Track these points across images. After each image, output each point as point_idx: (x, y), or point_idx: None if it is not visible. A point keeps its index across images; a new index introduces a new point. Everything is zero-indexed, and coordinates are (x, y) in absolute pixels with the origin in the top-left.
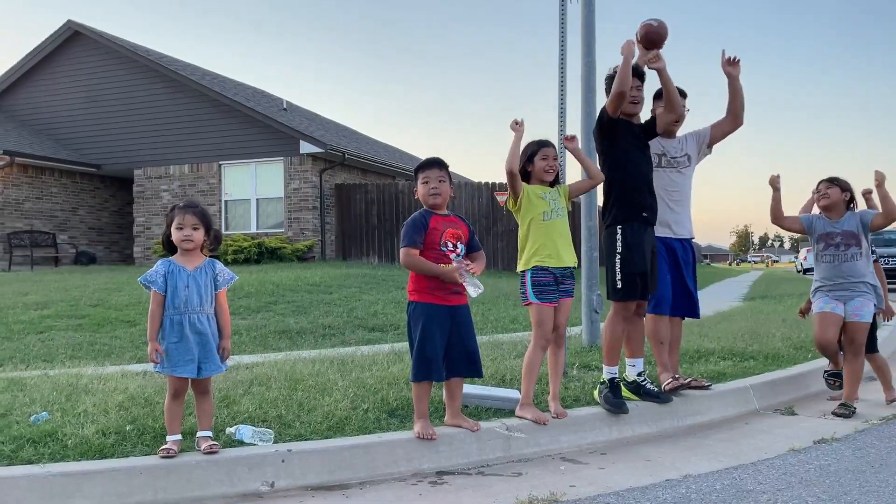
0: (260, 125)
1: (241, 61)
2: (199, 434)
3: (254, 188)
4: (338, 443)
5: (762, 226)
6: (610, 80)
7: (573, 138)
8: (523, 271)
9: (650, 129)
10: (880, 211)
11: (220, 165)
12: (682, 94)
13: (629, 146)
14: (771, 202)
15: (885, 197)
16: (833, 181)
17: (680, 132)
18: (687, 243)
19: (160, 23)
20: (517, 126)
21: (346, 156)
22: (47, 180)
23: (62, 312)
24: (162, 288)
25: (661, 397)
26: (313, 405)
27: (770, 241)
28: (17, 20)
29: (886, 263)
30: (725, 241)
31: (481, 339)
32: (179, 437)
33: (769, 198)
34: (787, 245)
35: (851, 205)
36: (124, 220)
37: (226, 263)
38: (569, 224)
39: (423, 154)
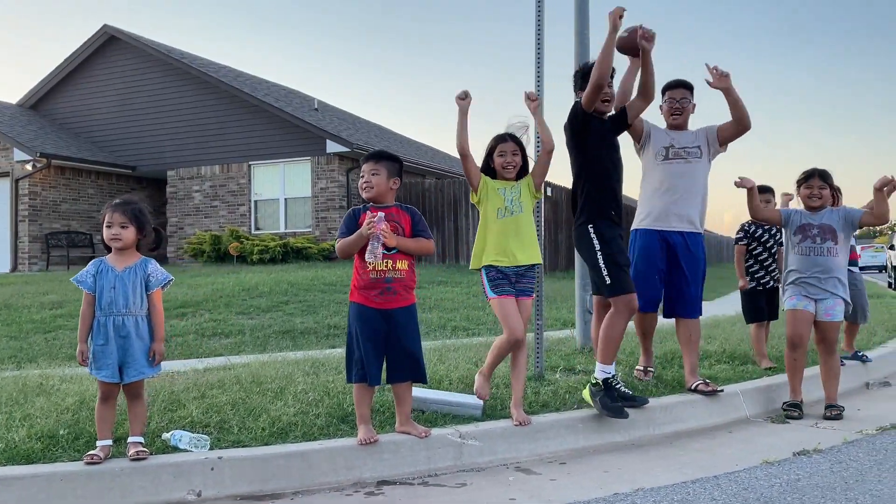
0: (287, 125)
1: (279, 62)
2: (129, 439)
3: (282, 188)
4: (274, 450)
5: None
6: (578, 75)
7: (535, 98)
8: (478, 269)
9: (621, 121)
10: (871, 209)
11: (249, 165)
12: (689, 87)
13: (601, 144)
14: (748, 202)
15: (881, 200)
16: (825, 179)
17: (691, 126)
18: (692, 238)
19: (199, 25)
20: (461, 100)
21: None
22: (84, 182)
23: (74, 312)
24: (91, 288)
25: (636, 400)
26: (262, 410)
27: None
28: (55, 26)
29: None
30: None
31: (466, 341)
32: (109, 442)
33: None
34: None
35: (833, 201)
36: (160, 221)
37: (252, 264)
38: (533, 216)
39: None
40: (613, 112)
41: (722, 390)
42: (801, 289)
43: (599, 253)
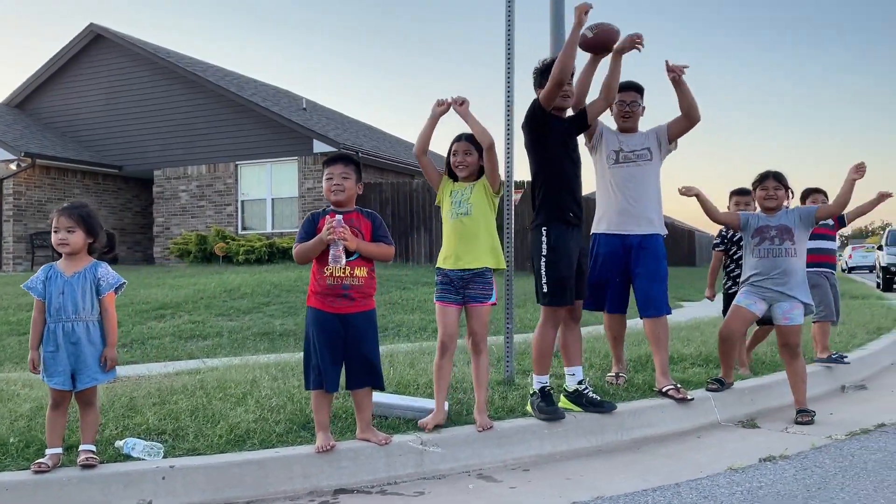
0: (274, 125)
1: (269, 61)
2: (80, 447)
3: (269, 188)
4: (228, 458)
5: None
6: (538, 72)
7: (462, 102)
8: None
9: (581, 121)
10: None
11: (236, 165)
12: (639, 90)
13: (559, 144)
14: (701, 207)
15: (850, 188)
16: (780, 180)
17: (642, 127)
18: (649, 239)
19: (190, 25)
20: (438, 106)
21: (360, 154)
22: (70, 181)
23: None
24: (42, 294)
25: (604, 406)
26: (222, 416)
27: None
28: (40, 24)
29: None
30: None
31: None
32: (59, 450)
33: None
34: (836, 242)
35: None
36: (147, 221)
37: (238, 264)
38: (491, 218)
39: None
40: (572, 112)
41: (692, 398)
42: (757, 290)
43: (544, 259)
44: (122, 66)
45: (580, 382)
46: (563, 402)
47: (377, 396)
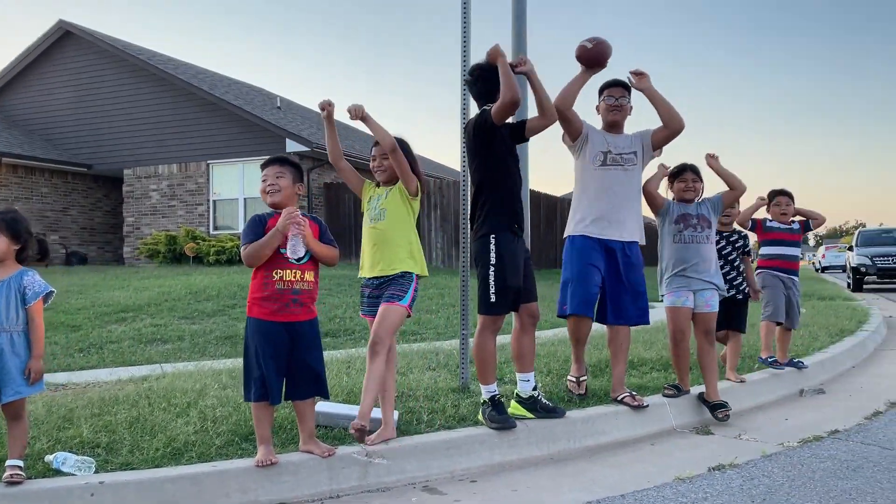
0: (247, 123)
1: (245, 59)
2: (7, 462)
3: (241, 187)
4: (162, 473)
5: None
6: (475, 77)
7: (356, 108)
8: None
9: (518, 132)
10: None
11: (208, 165)
12: (628, 88)
13: (504, 152)
14: (653, 181)
15: (724, 175)
16: (697, 172)
17: (628, 130)
18: (630, 247)
19: (164, 23)
20: (321, 109)
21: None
22: (37, 180)
23: None
24: None
25: (556, 411)
26: (161, 428)
27: None
28: (8, 21)
29: (894, 263)
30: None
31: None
32: None
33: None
34: (811, 242)
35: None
36: (117, 220)
37: (208, 265)
38: (409, 223)
39: (434, 153)
40: (512, 121)
41: (647, 406)
42: (682, 281)
43: (493, 268)
44: (91, 63)
45: (534, 388)
46: (514, 408)
47: (323, 406)
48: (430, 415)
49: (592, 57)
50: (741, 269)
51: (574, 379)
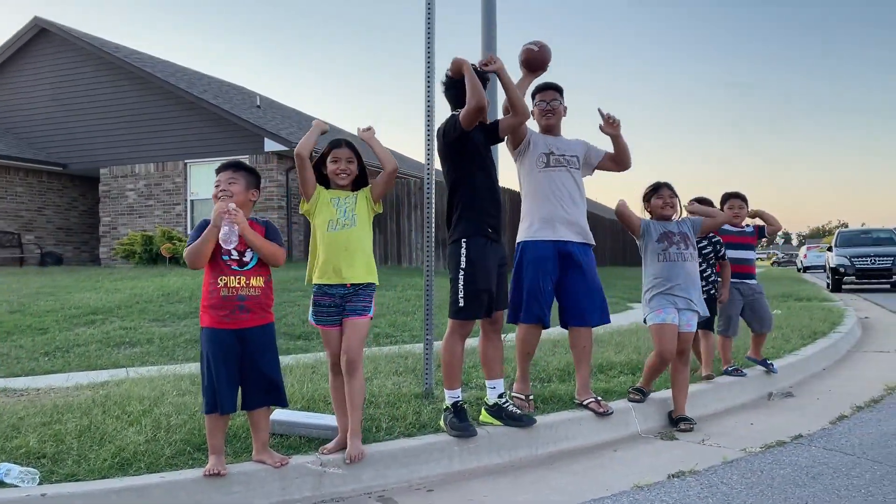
0: (225, 122)
1: (227, 57)
2: None
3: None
4: (107, 484)
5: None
6: (447, 85)
7: (368, 129)
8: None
9: (492, 133)
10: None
11: (185, 164)
12: (559, 90)
13: (475, 156)
14: (623, 213)
15: (706, 211)
16: (673, 189)
17: (572, 136)
18: (584, 250)
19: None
20: (316, 125)
21: (313, 154)
22: (12, 179)
23: None
24: None
25: (523, 420)
26: (112, 437)
27: (780, 238)
28: None
29: (873, 263)
30: None
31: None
32: None
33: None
34: (794, 242)
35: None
36: (94, 220)
37: (184, 265)
38: (370, 232)
39: (416, 153)
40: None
41: (612, 412)
42: (668, 299)
43: (463, 273)
44: (68, 61)
45: (500, 396)
46: (483, 417)
47: (281, 414)
48: (391, 422)
49: (538, 60)
50: (707, 274)
51: (522, 396)
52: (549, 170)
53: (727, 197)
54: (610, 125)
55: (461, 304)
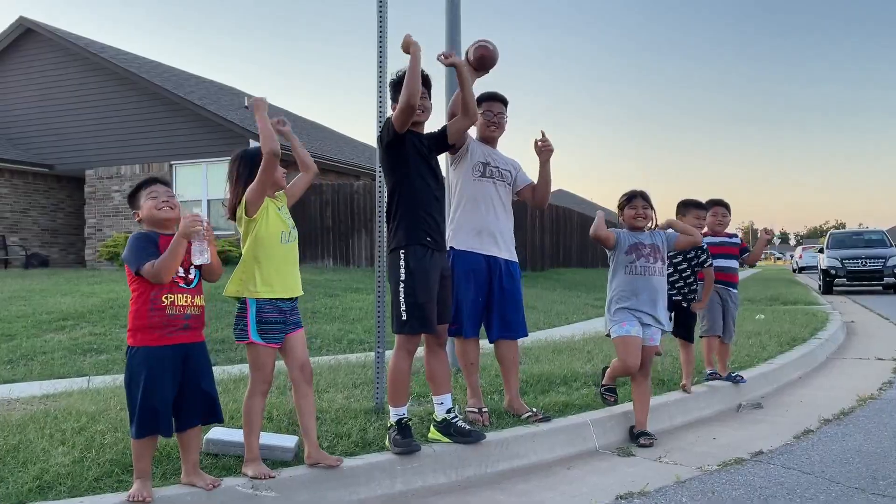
0: (210, 123)
1: (217, 57)
2: None
3: (205, 188)
4: None
5: (767, 222)
6: (396, 85)
7: (280, 121)
8: (242, 299)
9: (440, 140)
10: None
11: (171, 165)
12: (505, 102)
13: (417, 162)
14: (596, 225)
15: (686, 229)
16: (647, 199)
17: (508, 153)
18: (512, 265)
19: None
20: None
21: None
22: None
23: None
24: None
25: (472, 435)
26: (37, 458)
27: (777, 238)
28: None
29: (864, 265)
30: None
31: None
32: None
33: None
34: (792, 242)
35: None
36: (80, 222)
37: None
38: None
39: None
40: (434, 130)
41: (549, 418)
42: (633, 314)
43: (403, 285)
44: (54, 61)
45: (449, 411)
46: (432, 434)
47: (214, 433)
48: (334, 440)
49: (492, 59)
50: (689, 280)
51: (476, 410)
52: (485, 180)
53: (710, 204)
54: (544, 148)
55: (404, 317)
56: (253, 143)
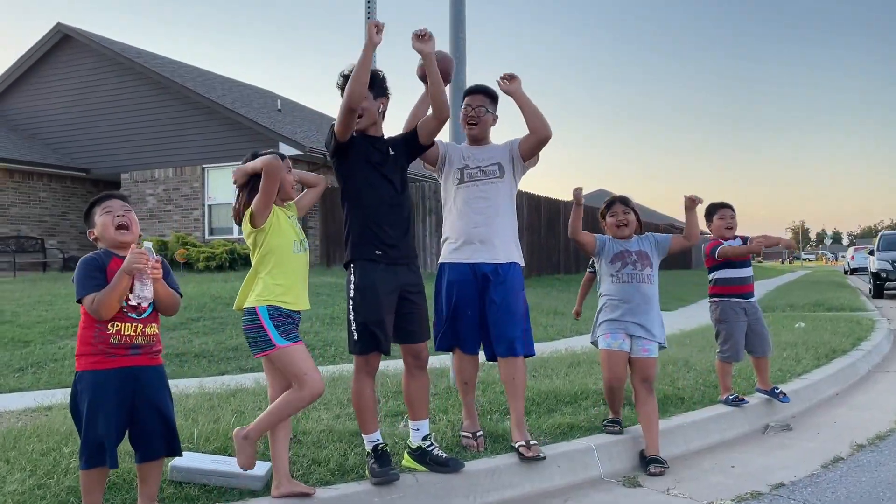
0: (241, 127)
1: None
2: None
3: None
4: None
5: (819, 222)
6: (345, 80)
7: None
8: (252, 310)
9: (410, 142)
10: (679, 235)
11: (203, 169)
12: (490, 95)
13: (367, 169)
14: (571, 216)
15: (692, 219)
16: (628, 204)
17: (498, 140)
18: (505, 268)
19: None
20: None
21: (329, 158)
22: (35, 185)
23: None
24: None
25: (449, 464)
26: None
27: (829, 238)
28: (7, 23)
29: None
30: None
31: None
32: None
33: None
34: (845, 242)
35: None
36: None
37: (198, 271)
38: None
39: None
40: (403, 131)
41: (543, 457)
42: (619, 325)
43: (351, 302)
44: (90, 67)
45: (425, 438)
46: (406, 461)
47: (181, 460)
48: (310, 466)
49: (445, 70)
50: None
51: (470, 434)
52: (463, 186)
53: (715, 208)
54: (506, 81)
55: (354, 336)
56: (282, 146)
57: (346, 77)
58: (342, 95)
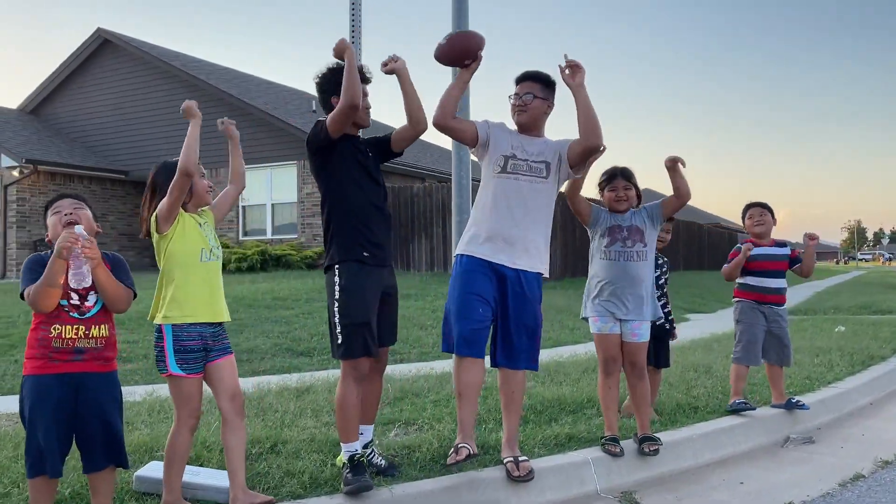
0: (274, 128)
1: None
2: None
3: (269, 193)
4: None
5: (877, 221)
6: (324, 81)
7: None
8: (158, 326)
9: (383, 146)
10: (668, 196)
11: None
12: (542, 80)
13: (351, 168)
14: (572, 185)
15: (677, 177)
16: (629, 179)
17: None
18: (526, 276)
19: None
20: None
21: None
22: (76, 187)
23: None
24: None
25: (352, 484)
26: None
27: (886, 238)
28: (48, 29)
29: None
30: (836, 238)
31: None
32: None
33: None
34: None
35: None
36: None
37: (230, 273)
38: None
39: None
40: (378, 135)
41: (531, 477)
42: (608, 305)
43: (337, 304)
44: (128, 70)
45: (366, 445)
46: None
47: (146, 469)
48: (282, 478)
49: (446, 54)
50: (662, 303)
51: (466, 448)
52: (503, 176)
53: (747, 208)
54: (572, 70)
55: (339, 340)
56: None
57: (332, 72)
58: (321, 101)
